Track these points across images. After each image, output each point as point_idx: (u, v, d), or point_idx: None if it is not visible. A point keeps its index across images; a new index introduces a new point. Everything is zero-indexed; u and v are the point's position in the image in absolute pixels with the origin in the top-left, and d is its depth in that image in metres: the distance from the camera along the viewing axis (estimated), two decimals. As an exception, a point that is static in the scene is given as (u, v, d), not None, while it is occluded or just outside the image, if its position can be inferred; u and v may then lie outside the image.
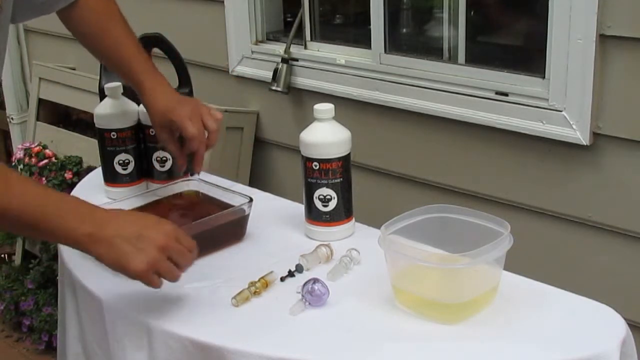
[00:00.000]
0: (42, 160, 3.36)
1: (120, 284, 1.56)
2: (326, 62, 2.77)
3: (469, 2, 2.44)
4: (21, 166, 3.36)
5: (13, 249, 3.63)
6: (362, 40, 2.70)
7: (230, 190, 1.79)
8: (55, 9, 1.74)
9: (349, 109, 2.64)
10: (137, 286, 1.55)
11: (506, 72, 2.34)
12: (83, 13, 1.75)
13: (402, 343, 1.34)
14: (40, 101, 3.65)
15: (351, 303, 1.47)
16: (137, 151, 1.97)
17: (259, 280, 1.50)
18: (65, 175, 3.27)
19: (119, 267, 1.36)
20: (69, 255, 1.70)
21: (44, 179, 3.28)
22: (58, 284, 1.84)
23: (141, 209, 1.74)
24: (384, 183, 2.70)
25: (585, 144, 2.15)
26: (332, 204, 1.69)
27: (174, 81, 2.08)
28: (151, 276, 1.36)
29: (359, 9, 2.75)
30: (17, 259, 3.59)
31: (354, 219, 1.75)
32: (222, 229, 1.68)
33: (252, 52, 2.99)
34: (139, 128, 1.96)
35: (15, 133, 4.12)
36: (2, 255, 3.72)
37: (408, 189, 2.64)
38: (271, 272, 1.53)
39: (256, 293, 1.48)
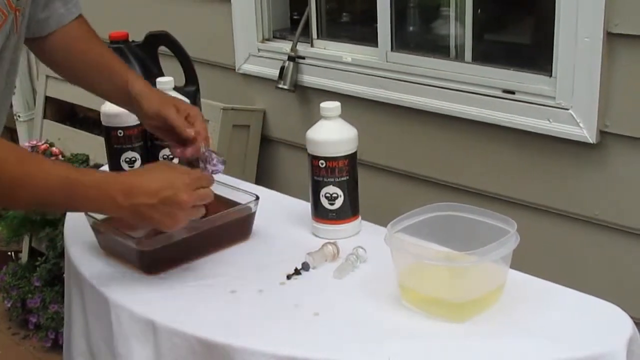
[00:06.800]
0: (49, 157, 3.37)
1: (126, 282, 1.57)
2: (333, 60, 2.77)
3: (475, 0, 2.43)
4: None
5: (20, 247, 3.63)
6: (369, 38, 2.70)
7: (237, 188, 1.79)
8: (47, 31, 1.69)
9: (356, 107, 2.64)
10: (143, 284, 1.56)
11: (513, 70, 2.34)
12: (62, 37, 1.71)
13: (408, 341, 1.34)
14: (47, 99, 3.66)
15: (357, 301, 1.47)
16: (143, 149, 1.97)
17: None
18: (72, 173, 3.27)
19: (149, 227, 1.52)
20: (75, 253, 1.71)
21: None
22: (64, 281, 1.85)
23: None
24: (391, 181, 2.70)
25: (592, 142, 2.15)
26: (339, 202, 1.69)
27: (181, 79, 2.08)
28: (180, 227, 1.49)
29: (366, 6, 2.75)
30: (24, 256, 3.59)
31: (360, 217, 1.75)
32: (228, 227, 1.68)
33: (259, 50, 2.99)
34: (145, 126, 1.96)
35: (22, 131, 4.12)
36: (9, 253, 3.73)
37: (414, 187, 2.64)
38: None
39: None
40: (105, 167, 2.04)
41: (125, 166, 1.95)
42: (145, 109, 1.66)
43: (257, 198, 1.71)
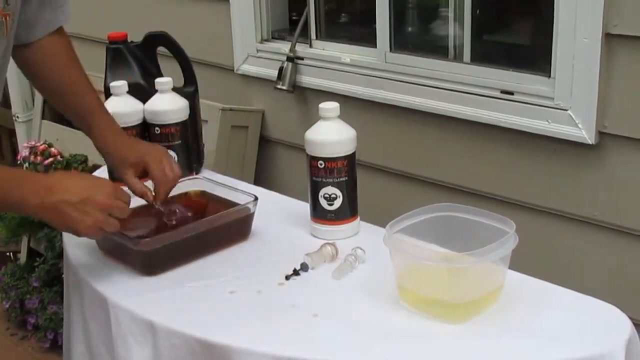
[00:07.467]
0: (47, 158, 3.37)
1: (125, 282, 1.57)
2: (331, 61, 2.77)
3: (474, 0, 2.43)
4: (27, 164, 3.36)
5: (18, 247, 3.63)
6: (368, 38, 2.70)
7: (235, 189, 1.79)
8: (34, 37, 1.70)
9: (354, 107, 2.64)
10: (142, 284, 1.56)
11: (512, 70, 2.34)
12: (44, 50, 1.73)
13: (407, 342, 1.34)
14: (46, 99, 3.65)
15: (356, 302, 1.47)
16: (142, 149, 1.97)
17: None
18: (71, 173, 3.27)
19: (69, 230, 1.49)
20: (74, 253, 1.71)
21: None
22: (63, 282, 1.85)
23: (147, 207, 1.74)
24: (389, 182, 2.70)
25: (590, 142, 2.15)
26: (337, 203, 1.69)
27: (179, 80, 2.08)
28: (97, 233, 1.50)
29: (365, 7, 2.75)
30: (23, 257, 3.59)
31: (359, 218, 1.75)
32: (227, 228, 1.68)
33: (258, 50, 2.99)
34: (144, 126, 1.96)
35: (20, 131, 4.12)
36: (8, 254, 3.73)
37: (413, 187, 2.64)
38: None
39: None
40: (104, 168, 2.04)
41: (124, 167, 1.95)
42: (108, 164, 1.81)
43: (256, 199, 1.71)
